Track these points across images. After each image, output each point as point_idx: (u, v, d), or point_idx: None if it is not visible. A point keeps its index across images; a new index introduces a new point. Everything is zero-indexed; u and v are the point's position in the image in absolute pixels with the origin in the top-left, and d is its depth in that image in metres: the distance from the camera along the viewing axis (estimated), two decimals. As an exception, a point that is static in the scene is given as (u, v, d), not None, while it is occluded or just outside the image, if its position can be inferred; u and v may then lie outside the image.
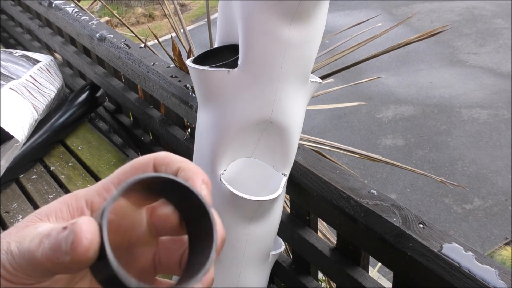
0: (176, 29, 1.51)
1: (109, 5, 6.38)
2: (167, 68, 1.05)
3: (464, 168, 3.11)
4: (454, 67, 4.28)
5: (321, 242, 0.82)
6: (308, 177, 0.74)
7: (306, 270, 0.91)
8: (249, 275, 0.74)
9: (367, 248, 0.71)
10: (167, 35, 5.26)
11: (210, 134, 0.67)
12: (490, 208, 2.79)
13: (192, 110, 0.96)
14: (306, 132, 2.81)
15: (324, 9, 0.61)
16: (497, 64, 4.24)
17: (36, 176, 1.25)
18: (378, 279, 1.78)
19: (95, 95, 1.39)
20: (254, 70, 0.61)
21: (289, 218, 0.87)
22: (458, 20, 5.13)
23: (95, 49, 1.32)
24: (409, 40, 1.29)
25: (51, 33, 1.61)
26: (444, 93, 3.93)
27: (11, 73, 1.26)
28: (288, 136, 0.66)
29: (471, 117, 3.60)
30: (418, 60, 4.44)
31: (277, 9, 0.57)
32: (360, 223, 0.67)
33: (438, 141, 3.39)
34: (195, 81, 0.68)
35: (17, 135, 1.12)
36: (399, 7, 5.59)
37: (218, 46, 0.73)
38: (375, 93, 3.99)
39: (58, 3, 1.47)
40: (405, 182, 3.03)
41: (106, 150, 1.32)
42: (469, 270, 0.54)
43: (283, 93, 0.63)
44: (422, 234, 0.60)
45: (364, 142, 3.44)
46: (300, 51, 0.61)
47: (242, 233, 0.69)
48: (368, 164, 3.18)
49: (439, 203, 2.86)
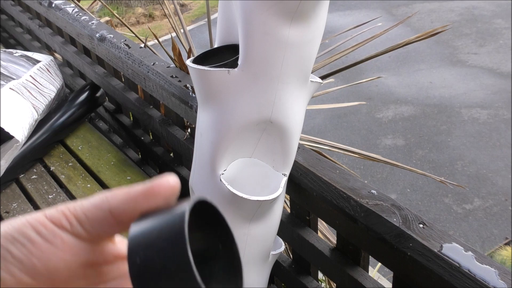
0: (176, 29, 1.51)
1: (109, 5, 6.38)
2: (167, 68, 1.05)
3: (464, 168, 3.11)
4: (454, 67, 4.28)
5: (321, 242, 0.82)
6: (308, 177, 0.74)
7: (306, 270, 0.91)
8: (249, 275, 0.74)
9: (367, 248, 0.71)
10: (167, 35, 5.26)
11: (210, 134, 0.67)
12: (490, 208, 2.79)
13: (192, 110, 0.96)
14: (306, 132, 2.81)
15: (324, 9, 0.61)
16: (497, 64, 4.24)
17: (36, 176, 1.25)
18: (378, 279, 1.78)
19: (95, 95, 1.39)
20: (254, 70, 0.61)
21: (289, 218, 0.87)
22: (458, 20, 5.13)
23: (95, 49, 1.32)
24: (409, 40, 1.29)
25: (51, 33, 1.61)
26: (444, 93, 3.93)
27: (11, 73, 1.26)
28: (288, 136, 0.66)
29: (471, 117, 3.60)
30: (418, 60, 4.44)
31: (277, 9, 0.57)
32: (360, 223, 0.67)
33: (438, 141, 3.39)
34: (195, 81, 0.68)
35: (17, 135, 1.12)
36: (399, 7, 5.59)
37: (218, 46, 0.73)
38: (375, 93, 3.99)
39: (58, 3, 1.47)
40: (405, 182, 3.03)
41: (106, 150, 1.32)
42: (469, 270, 0.54)
43: (283, 93, 0.63)
44: (422, 234, 0.60)
45: (364, 142, 3.44)
46: (300, 51, 0.61)
47: (242, 233, 0.69)
48: (368, 164, 3.18)
49: (439, 203, 2.86)
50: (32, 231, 0.26)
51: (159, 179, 0.26)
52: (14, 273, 0.25)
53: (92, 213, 0.26)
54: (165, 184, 0.25)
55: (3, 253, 0.25)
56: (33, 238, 0.25)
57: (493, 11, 5.24)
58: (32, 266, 0.25)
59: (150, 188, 0.25)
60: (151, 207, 0.25)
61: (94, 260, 0.27)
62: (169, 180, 0.25)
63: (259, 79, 0.62)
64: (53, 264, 0.26)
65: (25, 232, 0.26)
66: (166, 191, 0.25)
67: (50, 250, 0.25)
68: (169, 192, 0.25)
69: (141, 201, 0.25)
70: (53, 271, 0.26)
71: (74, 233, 0.26)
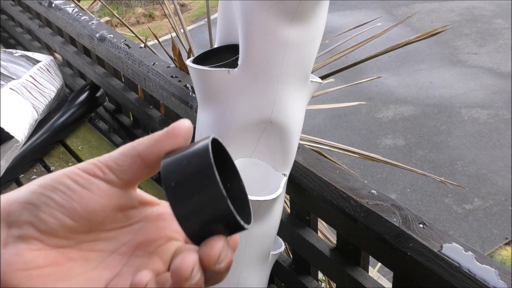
0: (176, 29, 1.51)
1: (109, 5, 6.38)
2: (167, 68, 1.05)
3: (464, 168, 3.11)
4: (454, 67, 4.28)
5: (321, 242, 0.82)
6: (308, 177, 0.74)
7: (306, 270, 0.91)
8: (249, 275, 0.74)
9: (367, 248, 0.71)
10: (167, 35, 5.26)
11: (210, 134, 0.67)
12: (490, 208, 2.79)
13: (192, 110, 0.96)
14: (306, 132, 2.81)
15: (324, 9, 0.61)
16: (497, 64, 4.24)
17: (36, 176, 1.25)
18: (378, 279, 1.78)
19: (95, 95, 1.39)
20: (254, 70, 0.61)
21: (289, 218, 0.87)
22: (458, 20, 5.13)
23: (95, 49, 1.32)
24: (409, 40, 1.29)
25: (51, 33, 1.61)
26: (444, 93, 3.93)
27: (11, 73, 1.26)
28: (288, 136, 0.66)
29: (471, 117, 3.60)
30: (418, 60, 4.44)
31: (277, 9, 0.57)
32: (360, 223, 0.67)
33: (438, 141, 3.39)
34: (195, 81, 0.68)
35: (17, 135, 1.12)
36: (399, 7, 5.59)
37: (218, 46, 0.73)
38: (375, 93, 3.99)
39: (58, 3, 1.47)
40: (405, 182, 3.03)
41: (106, 150, 1.32)
42: (469, 270, 0.54)
43: (283, 93, 0.63)
44: (422, 234, 0.60)
45: (364, 142, 3.44)
46: (300, 51, 0.61)
47: (242, 233, 0.69)
48: (368, 164, 3.18)
49: (439, 203, 2.86)
50: (70, 180, 0.29)
51: (177, 122, 0.29)
52: (58, 217, 0.28)
53: (122, 161, 0.29)
54: (183, 125, 0.29)
55: (47, 200, 0.28)
56: (72, 186, 0.29)
57: (493, 11, 5.24)
58: (73, 210, 0.29)
59: (171, 129, 0.29)
60: (174, 148, 0.29)
61: (124, 204, 0.31)
62: (185, 122, 0.29)
63: (259, 79, 0.62)
64: (92, 207, 0.29)
65: (64, 182, 0.29)
66: (186, 131, 0.29)
67: (88, 195, 0.29)
68: (187, 132, 0.29)
69: (165, 142, 0.29)
70: (91, 214, 0.29)
71: (107, 180, 0.29)
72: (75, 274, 0.29)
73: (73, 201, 0.29)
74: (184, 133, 0.29)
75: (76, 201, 0.29)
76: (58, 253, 0.29)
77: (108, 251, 0.31)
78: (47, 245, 0.29)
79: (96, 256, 0.31)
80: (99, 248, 0.31)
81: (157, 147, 0.29)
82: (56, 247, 0.29)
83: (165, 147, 0.29)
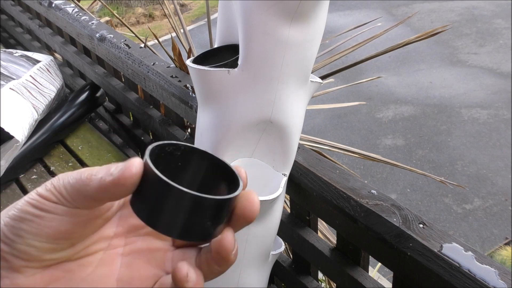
0: (176, 29, 1.52)
1: (109, 5, 6.38)
2: (167, 68, 1.05)
3: (464, 168, 3.11)
4: (454, 67, 4.28)
5: (321, 242, 0.82)
6: (308, 177, 0.74)
7: (306, 270, 0.91)
8: (249, 275, 0.74)
9: (367, 248, 0.71)
10: (167, 35, 5.26)
11: (210, 134, 0.67)
12: (490, 208, 2.79)
13: (192, 110, 0.96)
14: (306, 132, 2.81)
15: (324, 9, 0.61)
16: (497, 64, 4.24)
17: (36, 176, 1.25)
18: (378, 279, 1.78)
19: (95, 95, 1.39)
20: (254, 70, 0.61)
21: (289, 218, 0.87)
22: (458, 20, 5.13)
23: (95, 49, 1.32)
24: (409, 40, 1.29)
25: (51, 33, 1.61)
26: (444, 93, 3.93)
27: (11, 73, 1.26)
28: (288, 136, 0.66)
29: (471, 117, 3.60)
30: (418, 60, 4.44)
31: (277, 9, 0.57)
32: (360, 223, 0.67)
33: (438, 141, 3.39)
34: (195, 81, 0.68)
35: (17, 135, 1.12)
36: (399, 7, 5.59)
37: (218, 46, 0.73)
38: (375, 93, 3.99)
39: (58, 3, 1.47)
40: (405, 182, 3.03)
41: (106, 150, 1.32)
42: (469, 270, 0.54)
43: (283, 93, 0.63)
44: (422, 234, 0.60)
45: (364, 142, 3.44)
46: (300, 51, 0.61)
47: (242, 233, 0.69)
48: (368, 164, 3.18)
49: (439, 203, 2.86)
50: (32, 208, 0.29)
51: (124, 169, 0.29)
52: (35, 245, 0.29)
53: (74, 195, 0.30)
54: (129, 173, 0.29)
55: (19, 232, 0.29)
56: (36, 213, 0.29)
57: (493, 11, 5.24)
58: (46, 234, 0.29)
59: (117, 179, 0.29)
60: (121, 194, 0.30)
61: (95, 214, 0.32)
62: (131, 169, 0.29)
63: (259, 79, 0.62)
64: (63, 228, 0.30)
65: (28, 210, 0.29)
66: (132, 180, 0.29)
67: (55, 218, 0.29)
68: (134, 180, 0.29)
69: (111, 191, 0.29)
70: (65, 233, 0.30)
71: (64, 204, 0.30)
72: (79, 279, 0.31)
73: (42, 227, 0.29)
74: (130, 182, 0.29)
75: (46, 226, 0.29)
76: (54, 270, 0.31)
77: (101, 250, 0.33)
78: (40, 268, 0.30)
79: (91, 259, 0.32)
80: (92, 251, 0.33)
81: (106, 195, 0.29)
82: (49, 265, 0.30)
83: (114, 195, 0.29)
